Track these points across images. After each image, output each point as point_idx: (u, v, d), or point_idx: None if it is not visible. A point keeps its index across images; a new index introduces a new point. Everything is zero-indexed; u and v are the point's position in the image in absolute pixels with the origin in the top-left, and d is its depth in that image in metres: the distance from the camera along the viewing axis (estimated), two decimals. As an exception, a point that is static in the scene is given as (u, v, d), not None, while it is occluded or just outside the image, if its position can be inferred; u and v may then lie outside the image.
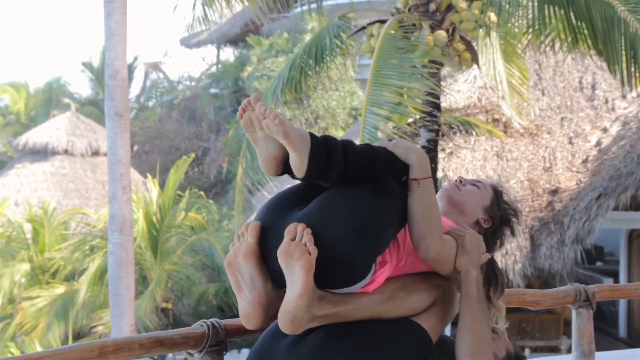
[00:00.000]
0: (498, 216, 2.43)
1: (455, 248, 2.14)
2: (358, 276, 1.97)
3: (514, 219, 2.48)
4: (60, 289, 12.30)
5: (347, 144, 1.99)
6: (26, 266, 12.91)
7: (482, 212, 2.43)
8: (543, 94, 12.93)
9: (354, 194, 1.98)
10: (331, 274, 1.95)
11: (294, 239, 1.91)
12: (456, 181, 2.48)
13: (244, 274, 2.02)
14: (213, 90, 24.01)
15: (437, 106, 7.91)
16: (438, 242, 2.05)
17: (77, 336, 11.87)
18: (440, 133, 9.20)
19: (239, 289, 2.05)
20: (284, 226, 1.96)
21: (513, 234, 2.49)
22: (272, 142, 1.97)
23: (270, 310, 2.03)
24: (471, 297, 2.12)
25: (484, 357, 2.10)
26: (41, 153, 19.47)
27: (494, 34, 8.21)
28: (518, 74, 9.31)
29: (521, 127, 12.04)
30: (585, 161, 11.85)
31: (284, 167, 2.00)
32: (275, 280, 2.01)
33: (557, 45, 7.22)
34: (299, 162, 1.93)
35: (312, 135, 1.96)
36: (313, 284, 1.92)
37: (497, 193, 2.48)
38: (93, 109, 24.78)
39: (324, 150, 1.95)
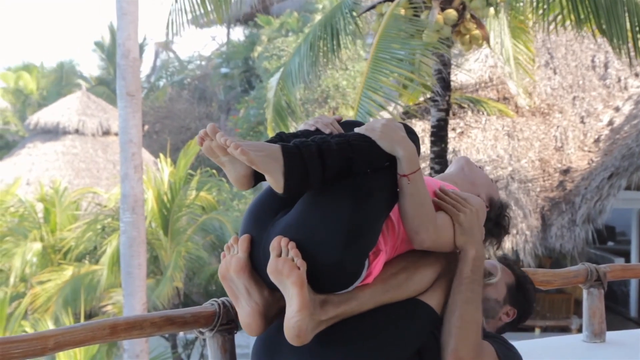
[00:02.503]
0: (496, 211, 2.41)
1: (451, 230, 2.10)
2: (352, 277, 1.96)
3: (503, 230, 2.44)
4: (71, 270, 12.37)
5: (323, 147, 1.90)
6: (38, 245, 12.99)
7: (486, 195, 2.41)
8: (555, 72, 12.83)
9: (334, 197, 1.92)
10: (325, 281, 1.93)
11: (280, 255, 1.89)
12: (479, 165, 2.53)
13: (239, 285, 2.02)
14: (223, 70, 23.97)
15: (446, 85, 7.86)
16: (432, 233, 2.03)
17: (89, 316, 11.95)
18: (450, 112, 9.16)
19: (236, 299, 2.05)
20: (269, 236, 1.94)
21: (497, 245, 2.43)
22: (238, 162, 1.91)
23: (270, 313, 2.04)
24: (464, 278, 2.09)
25: (468, 339, 2.06)
26: (52, 133, 19.53)
27: (502, 10, 8.15)
28: (525, 50, 9.24)
29: (528, 105, 11.97)
30: (597, 140, 11.78)
31: (257, 178, 1.94)
32: (270, 284, 1.99)
33: (564, 24, 7.16)
34: (274, 181, 1.86)
35: (283, 148, 1.87)
36: (309, 295, 1.91)
37: (505, 203, 2.50)
38: (104, 88, 24.81)
39: (299, 162, 1.86)
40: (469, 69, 12.62)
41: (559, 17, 7.15)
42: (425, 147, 10.26)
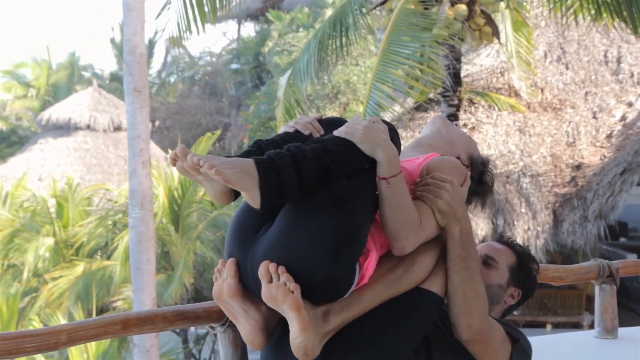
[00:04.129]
0: (478, 169, 2.34)
1: (434, 221, 2.05)
2: (346, 285, 1.94)
3: (487, 188, 2.35)
4: (83, 266, 12.42)
5: (299, 157, 1.84)
6: (50, 241, 13.05)
7: (466, 154, 2.35)
8: (567, 68, 12.76)
9: (315, 211, 1.87)
10: (319, 295, 1.92)
11: (271, 280, 1.87)
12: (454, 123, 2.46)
13: (235, 306, 2.02)
14: (234, 66, 23.99)
15: (457, 80, 7.84)
16: (412, 239, 1.98)
17: (100, 312, 12.01)
18: (461, 108, 9.13)
19: (235, 319, 2.05)
20: (254, 256, 1.92)
21: (482, 204, 2.37)
22: (214, 180, 1.88)
23: (271, 326, 2.04)
24: (455, 257, 2.06)
25: (477, 313, 2.07)
26: (64, 128, 19.60)
27: (511, 5, 8.11)
28: (526, 42, 9.20)
29: (535, 99, 11.91)
30: (609, 136, 11.71)
31: (236, 193, 1.91)
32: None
33: (580, 17, 7.10)
34: (250, 197, 1.83)
35: (257, 163, 1.83)
36: (309, 312, 1.90)
37: (487, 159, 2.40)
38: (118, 84, 24.87)
39: (274, 175, 1.82)
40: (480, 64, 12.58)
41: (575, 7, 7.07)
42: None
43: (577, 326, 11.84)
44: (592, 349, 3.33)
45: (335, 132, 1.94)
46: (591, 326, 10.49)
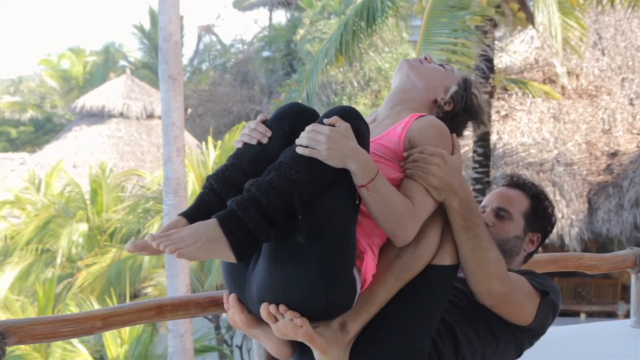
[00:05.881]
0: (461, 102, 2.17)
1: (429, 200, 1.94)
2: (351, 297, 1.89)
3: (480, 111, 2.21)
4: (116, 252, 12.58)
5: (262, 199, 1.72)
6: (84, 227, 13.22)
7: (444, 92, 2.17)
8: (603, 54, 12.56)
9: (294, 251, 1.78)
10: (329, 316, 1.90)
11: (277, 319, 1.84)
12: (421, 57, 2.23)
13: (253, 332, 2.00)
14: (265, 53, 24.01)
15: (490, 67, 7.76)
16: (411, 228, 1.90)
17: (132, 297, 12.15)
18: (494, 95, 9.04)
19: (257, 338, 2.04)
20: (250, 293, 1.89)
21: (483, 124, 2.23)
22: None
23: None
24: (459, 229, 1.98)
25: (495, 277, 2.01)
26: (98, 116, 19.82)
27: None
28: (577, 26, 8.94)
29: (570, 85, 11.75)
30: (646, 123, 11.53)
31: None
32: None
33: (617, 1, 6.98)
34: (225, 258, 1.75)
35: (221, 224, 1.72)
36: (326, 332, 1.88)
37: (466, 81, 2.21)
38: (147, 72, 25.05)
39: (242, 230, 1.72)
40: (514, 51, 12.44)
41: None
42: (469, 129, 10.12)
43: (611, 315, 11.72)
44: (627, 339, 3.28)
45: (298, 149, 1.79)
46: (626, 315, 10.36)
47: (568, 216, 10.60)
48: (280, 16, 27.09)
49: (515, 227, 2.31)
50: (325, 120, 1.82)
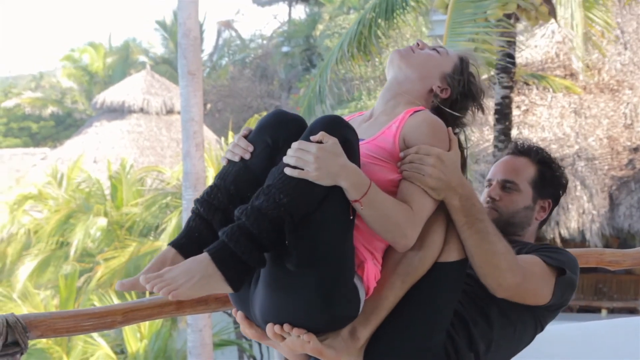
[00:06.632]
0: (459, 87, 2.06)
1: (428, 201, 1.89)
2: (355, 307, 1.87)
3: (479, 93, 2.09)
4: (135, 246, 12.66)
5: (252, 228, 1.70)
6: (103, 221, 13.31)
7: (440, 79, 2.06)
8: (625, 48, 12.44)
9: (291, 276, 1.76)
10: (336, 328, 1.88)
11: (284, 337, 1.83)
12: (413, 45, 2.12)
13: (267, 341, 1.99)
14: (284, 49, 24.02)
15: (511, 62, 7.72)
16: (411, 234, 1.85)
17: (151, 292, 12.21)
18: (515, 90, 8.98)
19: (273, 346, 2.03)
20: (255, 317, 1.89)
21: (481, 109, 2.11)
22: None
23: None
24: (462, 226, 1.93)
25: (505, 270, 1.95)
26: (118, 111, 19.94)
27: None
28: (601, 22, 8.80)
29: (592, 80, 11.63)
30: (668, 118, 11.41)
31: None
32: None
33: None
34: (222, 291, 1.75)
35: (213, 258, 1.70)
36: (335, 342, 1.87)
37: (462, 61, 2.09)
38: (167, 67, 25.16)
39: (235, 262, 1.70)
40: (535, 45, 12.35)
41: None
42: (489, 124, 10.09)
43: (633, 312, 11.62)
44: (650, 336, 3.25)
45: (286, 170, 1.74)
46: (648, 312, 10.28)
47: (589, 211, 10.52)
48: (300, 11, 27.10)
49: (523, 197, 2.26)
50: (311, 138, 1.76)
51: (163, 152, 19.36)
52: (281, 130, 1.86)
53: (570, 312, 11.74)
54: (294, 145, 1.75)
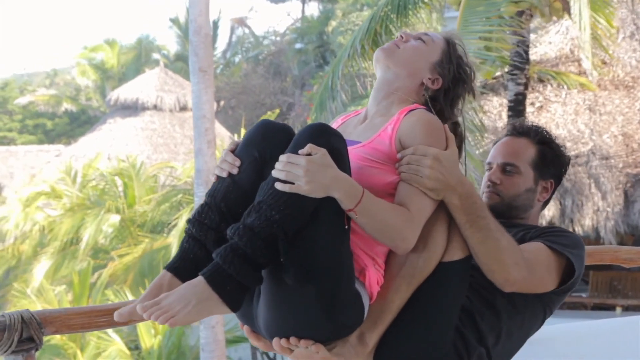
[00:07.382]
0: (450, 73, 2.00)
1: (427, 202, 1.86)
2: (360, 314, 1.86)
3: (470, 76, 2.03)
4: (148, 242, 12.71)
5: (247, 248, 1.68)
6: (116, 218, 13.37)
7: (430, 70, 2.00)
8: (640, 44, 12.35)
9: (291, 291, 1.75)
10: (342, 336, 1.87)
11: (292, 349, 1.84)
12: (397, 38, 2.06)
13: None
14: (298, 46, 24.03)
15: (525, 58, 7.68)
16: (411, 236, 1.83)
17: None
18: (529, 86, 8.95)
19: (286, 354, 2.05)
20: (260, 330, 1.88)
21: (472, 94, 2.06)
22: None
23: None
24: (463, 224, 1.90)
25: (510, 265, 1.93)
26: (132, 108, 20.01)
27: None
28: (605, 23, 8.80)
29: (601, 75, 11.54)
30: (684, 115, 11.33)
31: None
32: None
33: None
34: (222, 312, 1.73)
35: (209, 281, 1.69)
36: (344, 349, 1.86)
37: (448, 45, 2.03)
38: (182, 64, 25.23)
39: (232, 283, 1.69)
40: (549, 42, 12.28)
41: None
42: (502, 122, 10.05)
43: (647, 310, 11.55)
44: (665, 334, 3.23)
45: (277, 185, 1.71)
46: (663, 310, 10.22)
47: (604, 209, 10.47)
48: (313, 8, 27.10)
49: (524, 180, 2.23)
50: (300, 151, 1.73)
51: (176, 149, 19.41)
52: (268, 142, 1.84)
53: (585, 309, 11.69)
54: (282, 158, 1.74)
